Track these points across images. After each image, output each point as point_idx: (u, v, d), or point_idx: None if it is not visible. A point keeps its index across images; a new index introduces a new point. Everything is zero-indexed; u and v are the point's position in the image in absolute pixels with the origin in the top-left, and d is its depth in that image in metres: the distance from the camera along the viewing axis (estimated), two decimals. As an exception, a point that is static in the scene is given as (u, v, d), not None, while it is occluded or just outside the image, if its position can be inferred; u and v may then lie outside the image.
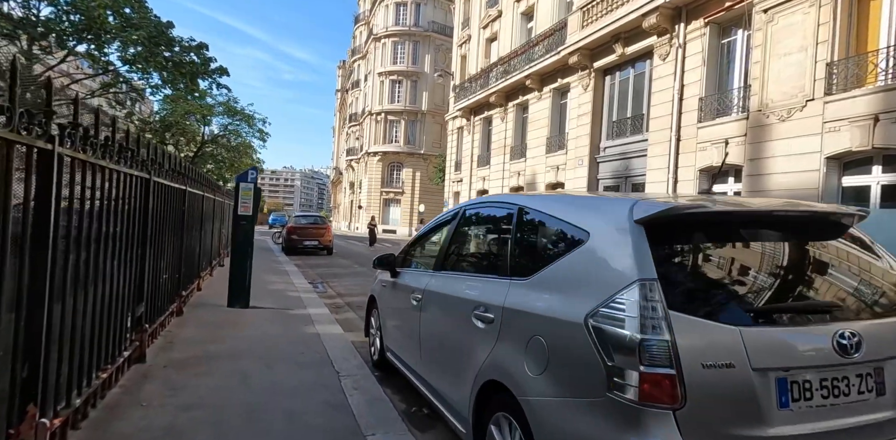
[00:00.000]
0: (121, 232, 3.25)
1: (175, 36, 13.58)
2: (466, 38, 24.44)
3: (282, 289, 8.40)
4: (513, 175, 19.40)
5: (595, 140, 14.79)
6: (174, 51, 13.52)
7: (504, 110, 20.20)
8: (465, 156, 23.73)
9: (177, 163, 4.99)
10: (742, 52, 10.51)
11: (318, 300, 7.62)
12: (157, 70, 13.27)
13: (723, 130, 10.42)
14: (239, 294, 6.19)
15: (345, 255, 17.92)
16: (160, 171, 4.19)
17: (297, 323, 5.76)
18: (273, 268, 11.74)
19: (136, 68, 14.81)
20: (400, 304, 3.84)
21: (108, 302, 3.04)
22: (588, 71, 14.80)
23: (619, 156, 13.85)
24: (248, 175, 6.28)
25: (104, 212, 2.90)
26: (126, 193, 3.31)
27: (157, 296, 4.43)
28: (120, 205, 3.20)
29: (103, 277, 2.94)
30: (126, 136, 3.19)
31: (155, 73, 13.73)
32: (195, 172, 6.35)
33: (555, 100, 17.19)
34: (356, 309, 7.56)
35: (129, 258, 3.46)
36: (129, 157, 3.26)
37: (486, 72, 21.09)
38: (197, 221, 6.60)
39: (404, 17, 43.17)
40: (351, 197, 53.68)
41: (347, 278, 11.30)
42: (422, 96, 43.39)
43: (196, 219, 6.50)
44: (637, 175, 13.21)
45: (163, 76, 13.79)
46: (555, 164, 16.59)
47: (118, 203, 3.15)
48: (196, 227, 6.58)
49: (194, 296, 6.93)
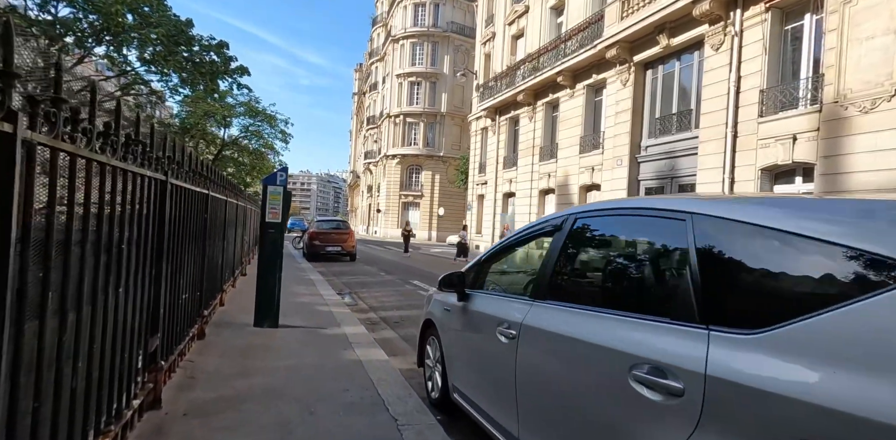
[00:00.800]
0: (129, 248, 2.52)
1: (194, 34, 13.09)
2: (490, 36, 23.67)
3: (310, 303, 7.68)
4: (542, 177, 18.53)
5: (635, 138, 13.86)
6: (193, 50, 13.01)
7: (532, 109, 19.35)
8: (490, 157, 22.92)
9: (199, 163, 4.29)
10: (811, 39, 9.53)
11: (352, 316, 6.87)
12: (176, 70, 12.75)
13: (789, 125, 9.44)
14: (267, 312, 5.47)
15: (369, 262, 17.22)
16: (179, 172, 3.47)
17: (333, 346, 5.00)
18: (297, 276, 11.06)
19: (156, 70, 14.37)
20: (476, 338, 3.05)
21: (111, 341, 2.31)
22: (627, 65, 13.89)
23: (664, 155, 12.90)
24: (276, 177, 5.56)
25: (106, 222, 2.18)
26: (136, 198, 2.58)
27: (176, 322, 3.71)
28: (129, 213, 2.48)
29: (104, 309, 2.20)
30: (135, 126, 2.46)
31: (174, 73, 13.23)
32: (218, 174, 5.66)
33: (589, 97, 16.29)
34: (394, 325, 6.80)
35: (140, 280, 2.73)
36: (141, 153, 2.54)
37: (512, 70, 20.29)
38: (220, 229, 5.91)
39: (423, 18, 42.63)
40: (369, 200, 53.22)
41: (377, 288, 10.56)
42: (441, 98, 42.74)
43: (219, 226, 5.81)
44: (684, 175, 12.25)
45: (182, 77, 13.28)
46: (589, 165, 15.69)
47: (126, 211, 2.42)
48: (219, 236, 5.88)
49: (217, 312, 6.24)
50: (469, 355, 3.16)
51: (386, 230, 44.86)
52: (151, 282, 2.99)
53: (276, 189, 5.53)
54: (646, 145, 13.66)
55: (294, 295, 8.31)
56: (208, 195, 4.69)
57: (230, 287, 7.97)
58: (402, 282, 11.73)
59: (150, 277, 2.97)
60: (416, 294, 9.84)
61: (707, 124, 11.22)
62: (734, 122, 10.54)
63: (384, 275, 13.26)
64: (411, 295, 9.72)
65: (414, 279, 12.29)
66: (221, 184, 5.86)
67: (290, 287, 9.14)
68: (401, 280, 12.07)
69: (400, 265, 16.48)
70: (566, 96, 17.18)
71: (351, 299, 8.98)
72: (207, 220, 4.75)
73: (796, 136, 9.22)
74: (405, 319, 7.22)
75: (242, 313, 6.29)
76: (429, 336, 4.00)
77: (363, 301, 8.90)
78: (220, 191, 5.74)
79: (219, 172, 5.77)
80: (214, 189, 5.17)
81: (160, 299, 3.12)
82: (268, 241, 5.52)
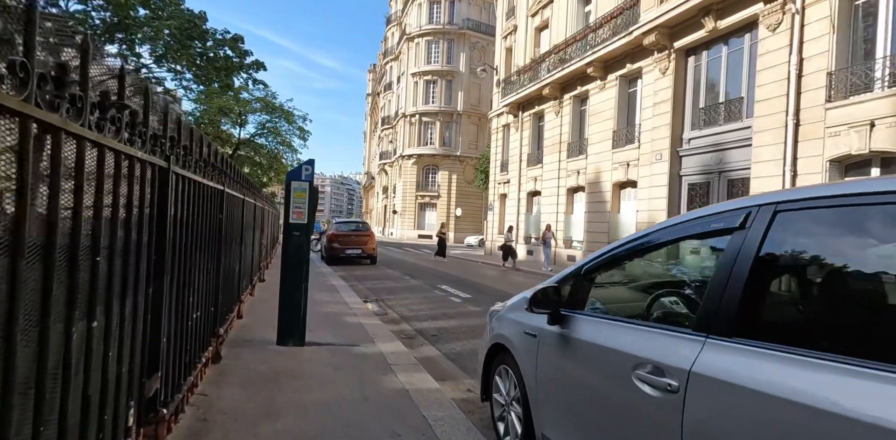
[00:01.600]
0: (112, 261, 1.75)
1: (208, 28, 12.46)
2: (512, 29, 22.80)
3: (336, 312, 6.92)
4: (571, 174, 17.60)
5: (676, 131, 12.89)
6: (207, 45, 12.38)
7: (559, 103, 18.44)
8: (513, 155, 22.03)
9: (213, 152, 3.53)
10: (890, 13, 8.50)
11: (384, 328, 6.08)
12: (188, 65, 12.12)
13: (865, 110, 8.43)
14: (292, 328, 4.70)
15: (390, 264, 16.46)
16: (187, 160, 2.71)
17: (372, 371, 4.21)
18: (318, 282, 10.32)
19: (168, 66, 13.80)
20: (589, 379, 2.21)
21: (79, 402, 1.54)
22: (667, 52, 12.93)
23: (710, 148, 11.92)
24: (300, 171, 4.79)
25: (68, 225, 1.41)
26: (121, 191, 1.81)
27: (184, 349, 2.94)
28: (109, 212, 1.71)
29: (65, 356, 1.43)
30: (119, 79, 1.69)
31: (187, 70, 12.61)
32: (234, 168, 4.92)
33: (622, 88, 15.33)
34: (433, 340, 5.99)
35: (131, 305, 1.96)
36: (128, 124, 1.77)
37: (536, 63, 19.39)
38: (237, 233, 5.16)
39: (438, 16, 41.91)
40: (384, 201, 52.63)
41: (404, 294, 9.77)
42: (457, 96, 41.95)
43: (237, 229, 5.06)
44: (735, 169, 11.26)
45: (195, 73, 12.65)
46: (624, 160, 14.73)
47: (103, 209, 1.65)
48: (236, 240, 5.14)
49: (234, 326, 5.50)
50: (573, 401, 2.33)
51: (402, 231, 44.17)
52: (148, 305, 2.22)
53: (300, 185, 4.76)
54: (688, 138, 12.68)
55: (318, 303, 7.55)
56: (224, 192, 3.93)
57: (248, 296, 7.25)
58: (430, 287, 10.93)
59: (147, 299, 2.20)
60: (447, 301, 9.03)
61: (763, 113, 10.23)
62: (796, 109, 9.54)
63: (410, 279, 12.48)
64: (443, 302, 8.91)
65: (442, 284, 11.48)
66: (238, 180, 5.12)
67: (312, 294, 8.38)
68: (428, 285, 11.27)
69: (425, 269, 15.69)
70: (596, 88, 16.24)
71: (379, 307, 8.21)
72: (224, 222, 4.00)
73: (874, 122, 8.21)
74: (444, 332, 6.41)
75: (263, 327, 5.55)
76: (498, 365, 3.18)
77: (392, 309, 8.12)
78: (238, 188, 5.00)
79: (235, 166, 5.03)
80: (231, 185, 4.42)
81: (161, 327, 2.35)
82: (292, 246, 4.75)
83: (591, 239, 16.32)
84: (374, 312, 7.49)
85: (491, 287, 11.32)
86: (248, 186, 6.35)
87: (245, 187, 5.87)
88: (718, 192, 11.65)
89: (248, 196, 6.38)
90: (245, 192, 5.90)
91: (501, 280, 13.23)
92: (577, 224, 17.49)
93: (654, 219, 13.19)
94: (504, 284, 11.98)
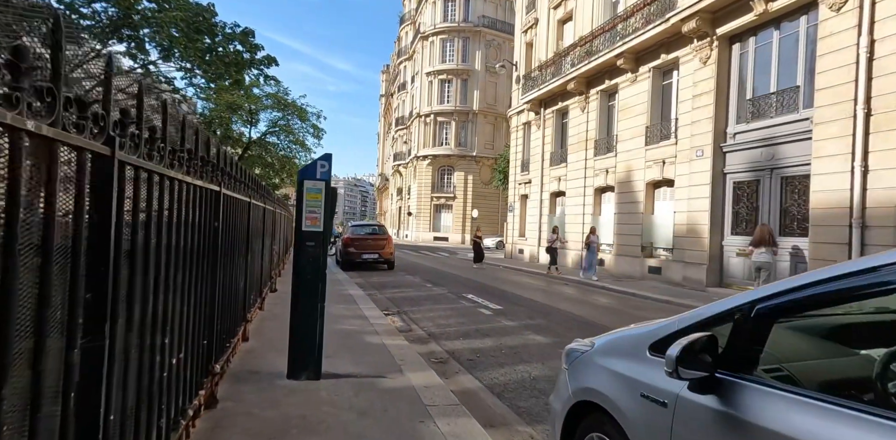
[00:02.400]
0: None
1: (217, 21, 11.76)
2: (532, 23, 21.86)
3: (356, 330, 6.09)
4: (598, 173, 16.60)
5: (719, 125, 11.85)
6: (216, 39, 11.69)
7: (585, 99, 17.46)
8: (535, 154, 21.07)
9: (202, 142, 2.72)
10: (985, -16, 7.43)
11: (412, 351, 5.22)
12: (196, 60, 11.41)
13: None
14: (306, 359, 3.87)
15: (409, 270, 15.61)
16: (155, 147, 1.89)
17: (405, 417, 3.35)
18: (334, 291, 9.52)
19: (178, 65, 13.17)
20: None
21: None
22: (709, 39, 11.91)
23: (760, 142, 10.86)
24: (315, 168, 3.96)
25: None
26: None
27: (154, 413, 2.12)
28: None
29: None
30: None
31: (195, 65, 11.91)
32: (238, 167, 4.11)
33: (655, 80, 14.31)
34: (469, 366, 5.11)
35: (57, 368, 1.14)
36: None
37: (559, 56, 18.43)
38: (241, 242, 4.35)
39: (453, 13, 41.13)
40: (399, 203, 51.94)
41: (428, 305, 8.92)
42: (473, 95, 41.11)
43: (240, 239, 4.25)
44: (791, 165, 10.20)
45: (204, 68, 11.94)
46: (659, 158, 13.71)
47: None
48: (240, 251, 4.33)
49: (238, 351, 4.69)
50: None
51: (417, 234, 43.40)
52: (75, 372, 1.39)
53: (315, 185, 3.94)
54: (733, 132, 11.63)
55: (335, 318, 6.73)
56: (220, 193, 3.12)
57: (256, 311, 6.46)
58: (454, 296, 10.06)
59: (74, 364, 1.37)
60: (477, 314, 8.15)
61: (825, 102, 9.18)
62: (866, 96, 8.48)
63: (431, 287, 11.62)
64: (472, 315, 8.04)
65: (467, 292, 10.60)
66: (243, 179, 4.31)
67: (328, 305, 7.60)
68: (453, 294, 10.40)
69: (446, 275, 14.84)
70: (627, 82, 15.23)
71: (402, 322, 7.37)
72: (221, 231, 3.18)
73: (968, 110, 7.14)
74: (481, 355, 5.54)
75: (273, 351, 4.74)
76: (587, 433, 2.29)
77: (417, 324, 7.27)
78: (243, 189, 4.19)
79: (238, 164, 4.21)
80: (234, 187, 3.61)
81: (104, 398, 1.52)
82: (305, 259, 3.92)
83: (621, 242, 15.32)
84: (397, 328, 6.65)
85: (521, 296, 10.41)
86: (256, 188, 5.55)
87: (252, 189, 5.07)
88: (771, 190, 10.59)
89: (257, 199, 5.59)
90: (253, 194, 5.11)
91: (532, 288, 12.31)
92: (605, 226, 16.48)
93: (696, 220, 12.17)
94: (536, 293, 11.06)
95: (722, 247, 11.77)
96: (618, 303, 9.88)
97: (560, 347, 5.88)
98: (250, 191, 4.99)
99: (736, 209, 11.53)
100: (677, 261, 12.78)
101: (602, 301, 10.21)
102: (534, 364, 5.16)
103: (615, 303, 9.87)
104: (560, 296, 10.65)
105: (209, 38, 11.65)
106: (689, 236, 12.37)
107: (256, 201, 5.58)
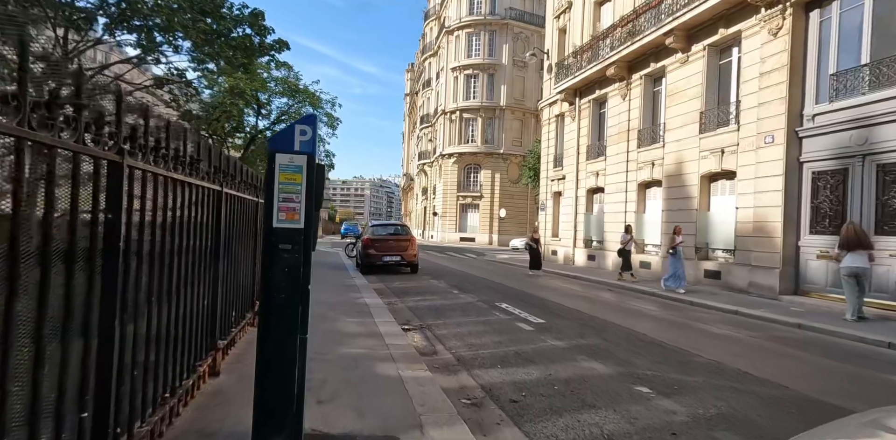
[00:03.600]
0: None
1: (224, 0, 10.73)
2: (566, 6, 20.30)
3: (367, 355, 4.82)
4: (642, 166, 14.96)
5: (794, 106, 10.15)
6: (221, 21, 10.67)
7: (626, 85, 15.85)
8: (569, 147, 19.51)
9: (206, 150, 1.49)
10: None
11: (436, 389, 3.91)
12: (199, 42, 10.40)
13: None
14: (280, 417, 2.60)
15: (434, 274, 14.31)
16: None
17: None
18: (348, 299, 8.31)
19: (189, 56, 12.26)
20: None
21: None
22: (781, 7, 10.23)
23: (847, 124, 9.15)
24: (293, 135, 2.69)
25: None
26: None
27: None
28: None
29: None
30: None
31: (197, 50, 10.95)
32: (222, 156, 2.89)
33: (711, 60, 12.64)
34: (513, 412, 3.74)
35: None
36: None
37: (597, 40, 16.86)
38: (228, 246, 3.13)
39: (479, 6, 39.75)
40: (424, 203, 50.80)
41: (455, 317, 7.60)
42: (500, 91, 39.63)
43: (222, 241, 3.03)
44: (890, 150, 8.48)
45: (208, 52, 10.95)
46: (717, 147, 12.04)
47: None
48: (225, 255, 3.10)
49: (200, 392, 3.47)
50: None
51: (443, 234, 42.15)
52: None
53: (292, 160, 2.68)
54: (812, 114, 9.92)
55: (340, 337, 5.49)
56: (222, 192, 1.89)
57: (245, 330, 5.26)
58: (486, 306, 8.71)
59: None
60: (515, 329, 6.78)
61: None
62: None
63: (459, 294, 10.29)
64: (510, 331, 6.67)
65: (501, 301, 9.23)
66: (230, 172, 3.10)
67: (336, 320, 6.38)
68: (484, 303, 9.05)
69: (474, 279, 13.49)
70: (676, 63, 13.58)
71: (425, 340, 6.07)
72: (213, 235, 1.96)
73: None
74: (527, 392, 4.17)
75: (246, 395, 3.49)
76: None
77: (442, 342, 5.96)
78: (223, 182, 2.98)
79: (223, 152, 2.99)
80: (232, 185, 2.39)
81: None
82: (278, 268, 2.65)
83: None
84: (417, 350, 5.36)
85: (565, 306, 8.97)
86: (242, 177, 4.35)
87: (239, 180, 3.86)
88: (863, 180, 8.87)
89: (246, 192, 4.39)
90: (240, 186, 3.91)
91: (575, 296, 10.85)
92: (651, 224, 14.85)
93: (764, 217, 10.49)
94: (581, 303, 9.60)
95: (798, 248, 10.06)
96: (677, 315, 8.35)
97: (628, 380, 4.45)
98: (240, 185, 3.79)
99: (816, 203, 9.81)
100: (741, 265, 11.11)
101: (653, 310, 8.69)
102: (602, 410, 3.77)
103: (674, 315, 8.33)
104: (603, 305, 9.17)
105: (213, 20, 10.62)
106: (757, 235, 10.69)
107: (248, 195, 4.37)
